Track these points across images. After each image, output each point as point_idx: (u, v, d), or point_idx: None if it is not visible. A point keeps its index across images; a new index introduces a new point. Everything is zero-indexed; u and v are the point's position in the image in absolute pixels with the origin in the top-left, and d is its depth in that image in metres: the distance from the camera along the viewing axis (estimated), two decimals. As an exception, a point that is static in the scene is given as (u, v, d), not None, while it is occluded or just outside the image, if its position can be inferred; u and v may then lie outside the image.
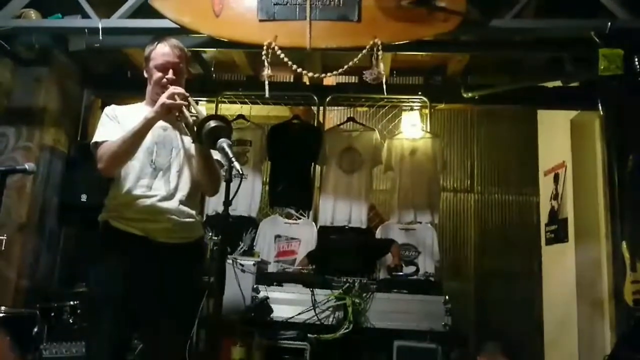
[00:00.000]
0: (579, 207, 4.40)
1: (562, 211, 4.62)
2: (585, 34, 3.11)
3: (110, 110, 2.20)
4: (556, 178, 4.78)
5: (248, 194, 4.40)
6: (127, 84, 4.41)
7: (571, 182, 4.49)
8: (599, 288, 4.16)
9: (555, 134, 4.81)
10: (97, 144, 2.09)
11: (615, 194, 3.97)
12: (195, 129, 1.95)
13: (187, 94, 2.08)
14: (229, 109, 4.79)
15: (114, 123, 2.15)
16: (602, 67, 2.91)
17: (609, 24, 2.97)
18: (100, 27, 3.23)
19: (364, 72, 2.98)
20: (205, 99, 4.75)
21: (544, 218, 5.04)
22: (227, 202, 1.75)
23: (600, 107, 3.98)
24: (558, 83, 4.20)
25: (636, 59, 3.02)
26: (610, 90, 3.77)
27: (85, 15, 3.30)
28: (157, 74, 2.17)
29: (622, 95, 3.60)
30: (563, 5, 3.29)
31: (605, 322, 4.08)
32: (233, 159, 1.77)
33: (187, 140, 2.16)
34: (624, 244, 3.62)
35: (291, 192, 4.43)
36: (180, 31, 3.13)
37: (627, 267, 3.54)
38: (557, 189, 4.74)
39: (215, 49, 4.07)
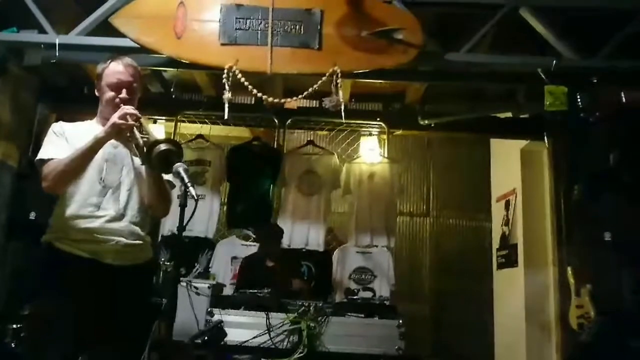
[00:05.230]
0: (528, 233, 4.57)
1: (513, 237, 4.78)
2: (533, 70, 3.26)
3: (58, 127, 2.11)
4: (507, 204, 4.95)
5: (206, 214, 4.36)
6: (83, 99, 4.29)
7: (521, 209, 4.67)
8: (546, 312, 4.31)
9: (507, 162, 5.00)
10: (43, 161, 2.01)
11: (562, 222, 4.15)
12: (145, 150, 1.92)
13: (140, 115, 2.03)
14: (189, 128, 4.76)
15: (62, 140, 2.07)
16: (547, 103, 3.07)
17: (554, 62, 3.12)
18: (57, 43, 3.16)
19: (324, 99, 3.03)
20: (164, 117, 4.71)
21: (495, 243, 5.20)
22: (181, 228, 1.74)
23: (545, 139, 4.17)
24: (510, 114, 4.38)
25: (578, 96, 3.20)
26: (556, 123, 3.96)
27: (42, 31, 3.23)
28: (110, 93, 2.11)
29: (566, 128, 3.79)
30: (518, 42, 3.45)
31: (552, 345, 4.22)
32: (189, 184, 1.77)
33: (138, 159, 2.09)
34: (569, 270, 3.77)
35: (249, 213, 4.42)
36: (141, 50, 3.09)
37: (572, 292, 3.69)
38: (508, 215, 4.91)
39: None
